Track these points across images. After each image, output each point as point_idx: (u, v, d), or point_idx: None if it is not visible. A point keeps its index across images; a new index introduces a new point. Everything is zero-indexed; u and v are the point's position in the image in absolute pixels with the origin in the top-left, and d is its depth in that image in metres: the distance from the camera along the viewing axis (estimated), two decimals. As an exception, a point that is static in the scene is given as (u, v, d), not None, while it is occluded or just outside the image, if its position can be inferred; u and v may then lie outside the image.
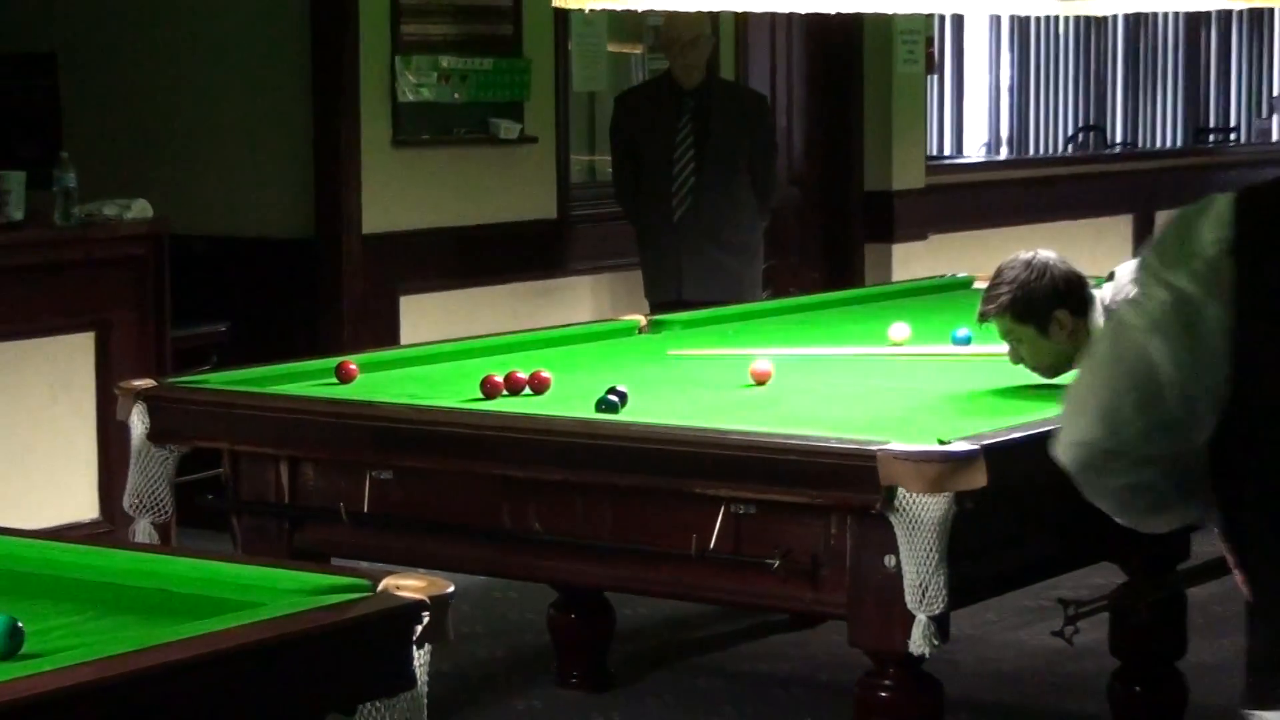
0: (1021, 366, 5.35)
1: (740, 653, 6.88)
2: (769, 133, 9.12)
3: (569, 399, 5.14)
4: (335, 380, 5.49)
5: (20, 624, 2.98)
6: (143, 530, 5.22)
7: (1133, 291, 5.21)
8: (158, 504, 5.23)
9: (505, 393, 5.23)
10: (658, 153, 8.67)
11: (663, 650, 6.90)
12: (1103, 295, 5.34)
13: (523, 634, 6.99)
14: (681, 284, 8.58)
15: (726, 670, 6.71)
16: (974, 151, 14.70)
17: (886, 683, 4.50)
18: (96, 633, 3.13)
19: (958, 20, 14.11)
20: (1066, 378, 5.34)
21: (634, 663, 6.68)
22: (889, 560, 4.30)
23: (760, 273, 9.00)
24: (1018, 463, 4.41)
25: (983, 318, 5.34)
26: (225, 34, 8.75)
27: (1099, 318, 5.30)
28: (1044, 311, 5.24)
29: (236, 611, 3.12)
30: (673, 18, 8.51)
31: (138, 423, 5.23)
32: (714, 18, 8.90)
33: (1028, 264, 5.29)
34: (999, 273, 5.32)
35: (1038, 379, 5.36)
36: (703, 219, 8.59)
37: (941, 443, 4.29)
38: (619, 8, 5.95)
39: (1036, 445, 4.54)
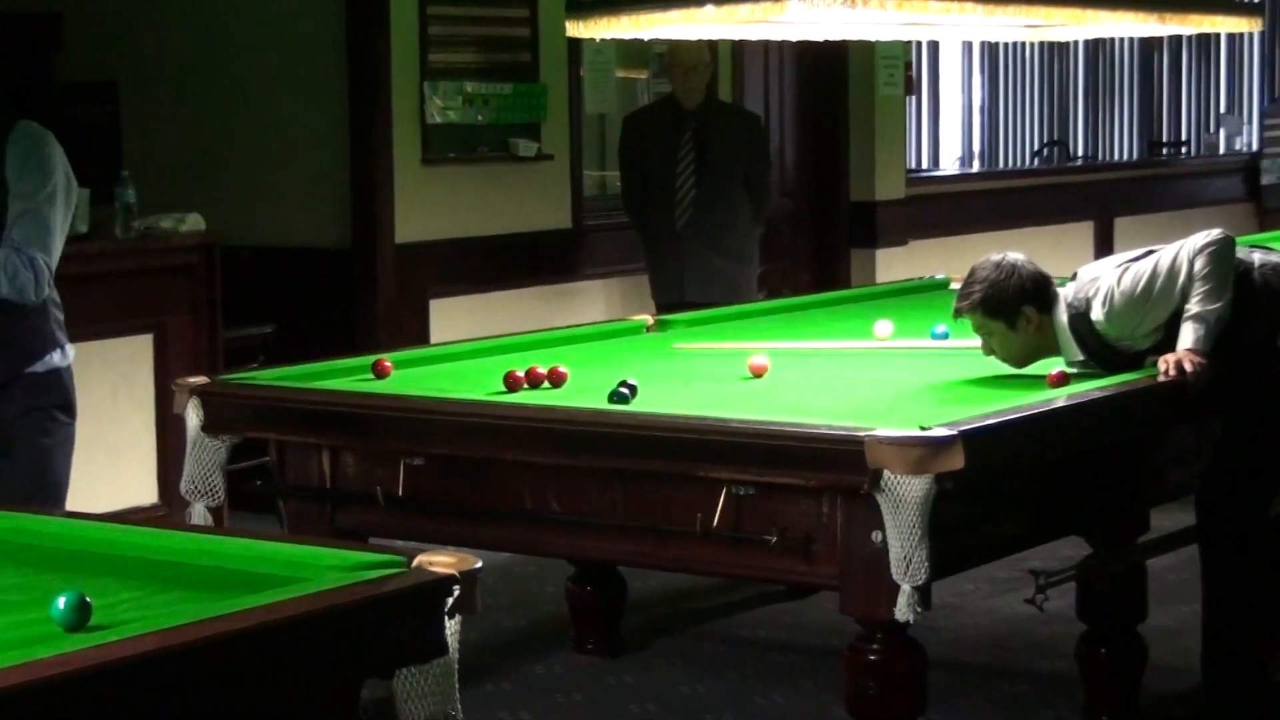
0: (993, 358, 5.34)
1: (741, 620, 6.88)
2: (763, 149, 9.10)
3: (584, 391, 5.13)
4: (371, 376, 5.48)
5: (89, 599, 2.98)
6: (198, 513, 5.21)
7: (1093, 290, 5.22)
8: (211, 489, 5.21)
9: (526, 386, 5.22)
10: (662, 168, 8.66)
11: (670, 619, 6.89)
12: (1066, 293, 5.33)
13: (543, 605, 6.98)
14: (684, 287, 8.58)
15: (728, 636, 6.70)
16: (949, 165, 14.69)
17: (874, 647, 4.49)
18: (158, 606, 3.13)
19: (934, 46, 14.09)
20: (1034, 367, 5.34)
21: (644, 630, 6.67)
22: (876, 536, 4.29)
23: (756, 276, 8.99)
24: (992, 446, 4.40)
25: (957, 313, 5.34)
26: (271, 63, 8.76)
27: (1062, 314, 5.29)
28: (1012, 308, 5.24)
29: (285, 586, 3.11)
30: (675, 45, 8.50)
31: (192, 416, 5.22)
32: (713, 45, 8.89)
33: (998, 265, 5.28)
34: (972, 273, 5.31)
35: (1008, 369, 5.35)
36: (702, 228, 8.59)
37: (923, 429, 4.28)
38: (626, 36, 5.94)
39: (1009, 430, 4.55)
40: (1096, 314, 5.23)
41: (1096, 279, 5.30)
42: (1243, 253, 5.40)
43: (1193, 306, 5.17)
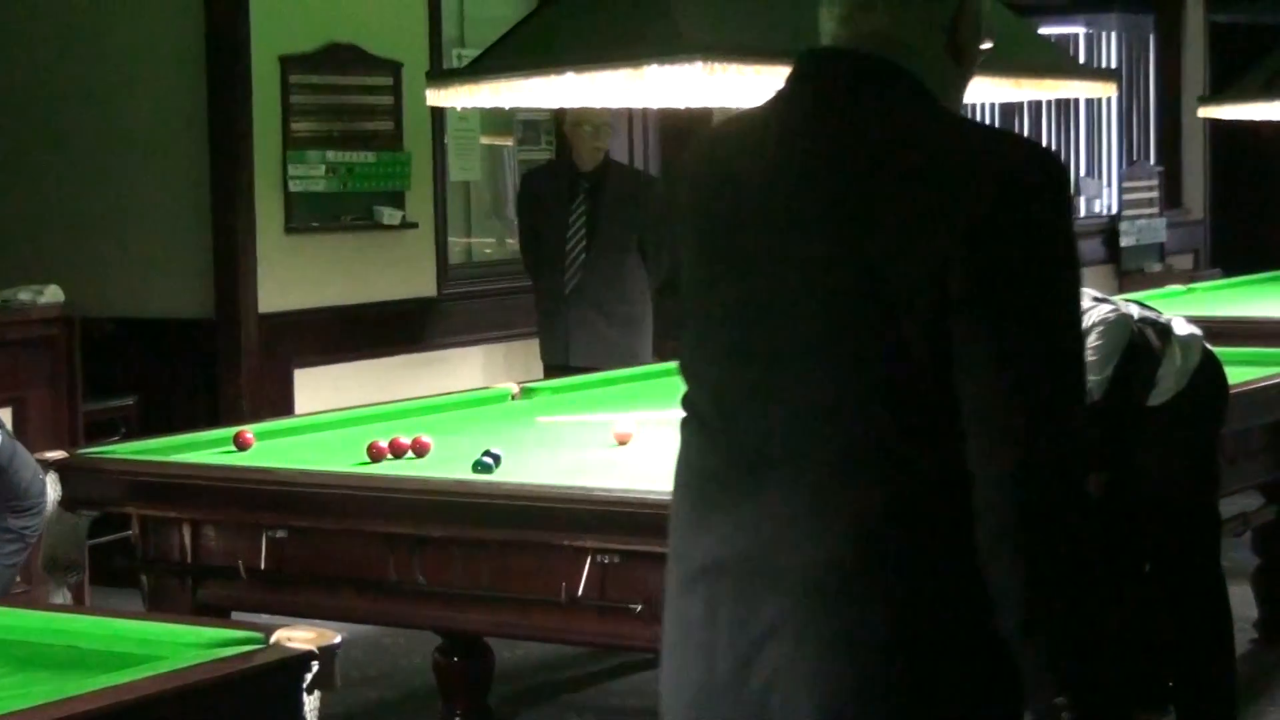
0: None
1: (608, 689, 6.85)
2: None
3: (448, 461, 5.11)
4: (234, 448, 5.43)
5: (-63, 682, 2.93)
6: (58, 591, 5.14)
7: None
8: (71, 565, 5.15)
9: (390, 457, 5.20)
10: (553, 230, 8.53)
11: (538, 689, 6.86)
12: None
13: (410, 677, 6.93)
14: (569, 351, 8.46)
15: (597, 705, 6.67)
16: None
17: (741, 714, 4.48)
18: (10, 688, 3.08)
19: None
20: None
21: (513, 701, 6.63)
22: (741, 603, 4.28)
23: (650, 341, 8.77)
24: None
25: None
26: (131, 133, 8.69)
27: None
28: None
29: (141, 665, 3.07)
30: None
31: (51, 491, 5.16)
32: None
33: None
34: None
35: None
36: (590, 292, 8.43)
37: (786, 495, 4.27)
38: (486, 105, 5.94)
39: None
40: None
41: None
42: (1120, 304, 5.46)
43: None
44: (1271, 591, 6.96)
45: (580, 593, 4.51)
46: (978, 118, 15.51)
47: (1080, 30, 16.02)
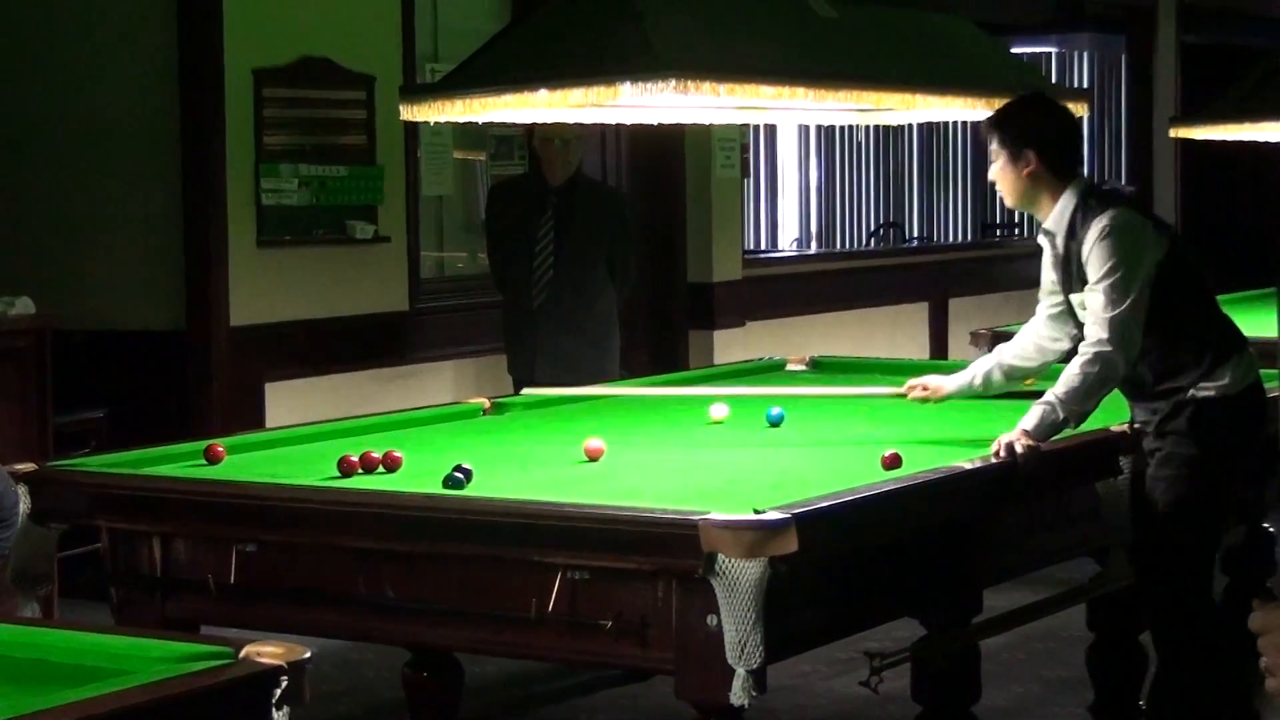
0: (822, 446, 5.36)
1: (578, 705, 6.85)
2: (626, 229, 8.80)
3: (419, 476, 5.10)
4: (204, 462, 5.42)
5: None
6: (26, 603, 5.12)
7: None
8: (40, 578, 5.14)
9: (360, 471, 5.19)
10: (520, 246, 8.47)
11: (508, 704, 6.85)
12: (1101, 188, 5.52)
13: (379, 691, 6.93)
14: (535, 368, 8.41)
15: (566, 721, 6.68)
16: (787, 246, 14.81)
17: (710, 731, 4.48)
18: (-23, 701, 3.07)
19: (770, 129, 14.22)
20: (865, 447, 5.37)
21: (482, 716, 6.63)
22: (711, 619, 4.28)
23: (617, 357, 8.68)
24: (826, 529, 4.42)
25: (983, 123, 5.57)
26: (103, 144, 8.68)
27: (1077, 193, 5.43)
28: (1019, 142, 5.39)
29: (109, 679, 3.06)
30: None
31: (21, 503, 5.14)
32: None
33: (1038, 102, 5.51)
34: (1016, 97, 5.55)
35: (844, 450, 5.38)
36: (557, 310, 8.36)
37: (756, 512, 4.28)
38: (460, 120, 5.94)
39: (843, 513, 4.57)
40: (1102, 222, 5.33)
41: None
42: None
43: (1053, 393, 5.23)
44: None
45: (550, 609, 4.50)
46: (950, 137, 15.61)
47: (1052, 50, 16.08)
